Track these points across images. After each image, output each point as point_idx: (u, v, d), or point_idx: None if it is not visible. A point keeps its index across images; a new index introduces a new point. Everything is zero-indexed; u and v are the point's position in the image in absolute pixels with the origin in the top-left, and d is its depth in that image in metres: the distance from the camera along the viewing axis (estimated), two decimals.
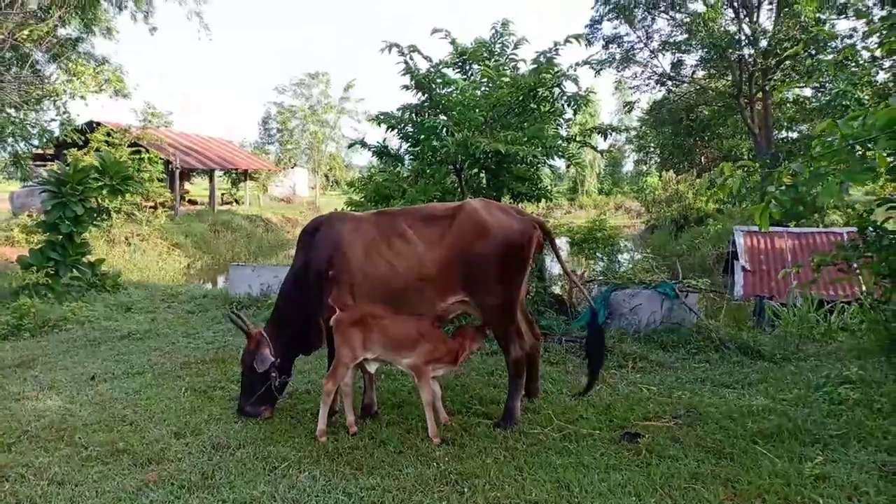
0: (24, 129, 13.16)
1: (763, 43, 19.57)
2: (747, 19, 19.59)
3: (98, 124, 23.89)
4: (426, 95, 8.31)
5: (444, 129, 7.83)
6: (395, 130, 8.78)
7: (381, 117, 8.77)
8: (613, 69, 22.08)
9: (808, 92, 22.05)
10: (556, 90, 7.98)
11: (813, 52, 17.50)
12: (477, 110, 8.08)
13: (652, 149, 39.40)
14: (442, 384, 5.80)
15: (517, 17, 9.36)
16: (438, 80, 8.27)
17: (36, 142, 13.90)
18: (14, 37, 11.82)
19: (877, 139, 3.92)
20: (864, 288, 8.24)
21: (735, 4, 19.70)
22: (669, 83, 23.10)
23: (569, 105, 8.25)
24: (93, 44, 18.88)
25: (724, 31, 19.36)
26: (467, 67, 9.05)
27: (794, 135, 23.29)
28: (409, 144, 8.97)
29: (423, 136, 8.38)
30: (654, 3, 19.99)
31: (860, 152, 4.13)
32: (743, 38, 19.82)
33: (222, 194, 38.83)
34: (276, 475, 4.24)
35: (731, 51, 19.37)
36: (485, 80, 8.51)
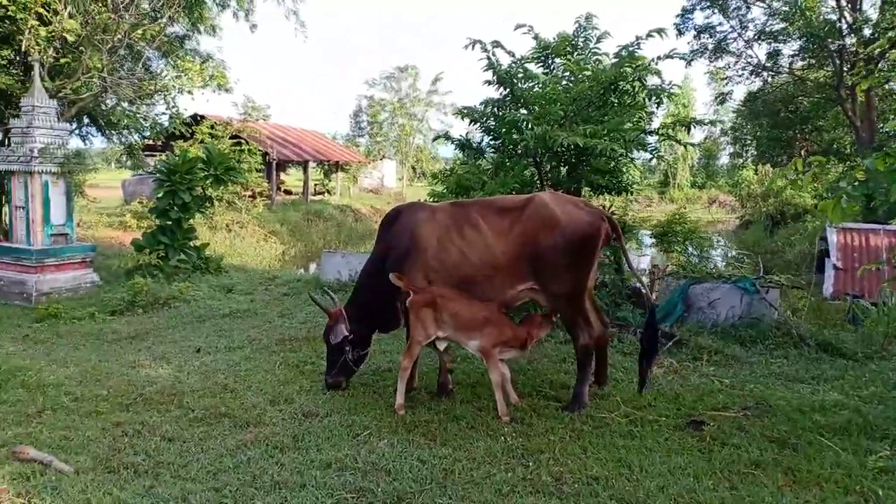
0: (137, 122, 14.28)
1: (866, 32, 18.59)
2: (849, 6, 18.66)
3: (202, 117, 25.37)
4: (508, 90, 8.54)
5: (525, 123, 8.05)
6: (478, 124, 9.07)
7: (465, 111, 9.09)
8: (705, 60, 21.53)
9: None
10: (637, 84, 8.04)
11: None
12: (557, 104, 8.25)
13: (748, 141, 37.98)
14: (514, 368, 6.12)
15: (606, 9, 9.43)
16: (520, 75, 8.49)
17: (148, 133, 15.02)
18: (129, 36, 12.82)
19: None
20: None
21: None
22: (765, 74, 22.26)
23: (650, 98, 8.30)
24: (198, 41, 20.02)
25: (824, 20, 18.52)
26: (550, 62, 9.21)
27: None
28: (490, 138, 9.25)
29: (504, 130, 8.64)
30: None
31: None
32: (844, 27, 18.90)
33: (315, 185, 40.26)
34: (358, 441, 4.66)
35: (830, 41, 18.51)
36: (567, 73, 8.66)
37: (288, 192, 36.94)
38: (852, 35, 19.45)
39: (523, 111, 8.55)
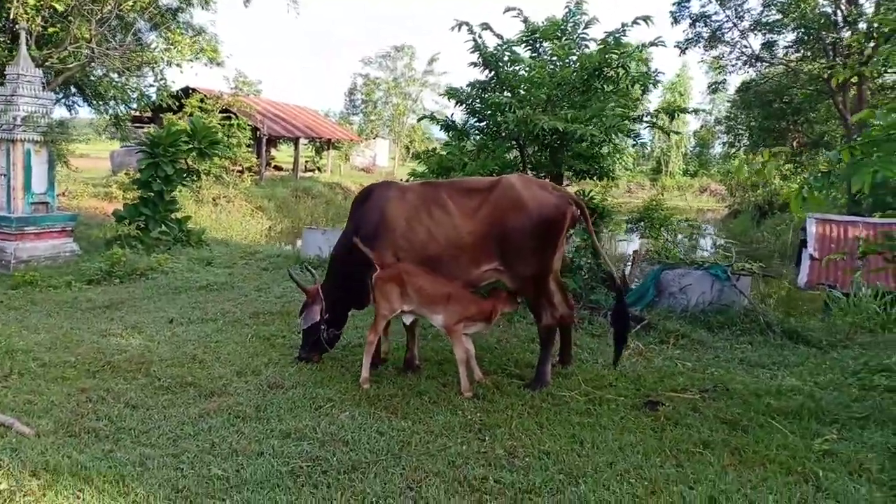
0: (124, 94, 14.20)
1: (861, 26, 18.59)
2: (845, 1, 18.65)
3: (194, 90, 25.20)
4: (493, 73, 8.54)
5: (508, 106, 8.07)
6: (464, 105, 9.09)
7: (451, 92, 9.11)
8: (700, 49, 21.48)
9: None
10: (621, 70, 8.05)
11: None
12: (542, 88, 8.27)
13: (741, 131, 38.05)
14: (482, 346, 6.21)
15: None
16: (506, 58, 8.48)
17: (135, 105, 14.93)
18: (119, 7, 12.72)
19: None
20: None
21: None
22: (759, 64, 22.24)
23: (633, 85, 8.31)
24: (191, 14, 19.87)
25: (819, 13, 18.50)
26: (538, 45, 9.20)
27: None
28: (475, 119, 9.26)
29: (489, 112, 8.65)
30: None
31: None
32: (840, 20, 18.90)
33: (306, 162, 40.14)
34: (320, 413, 4.73)
35: (825, 33, 18.51)
36: (553, 58, 8.66)
37: (278, 168, 36.84)
38: (847, 28, 19.45)
39: (507, 94, 8.56)
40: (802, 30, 19.09)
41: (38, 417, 4.51)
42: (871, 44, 18.79)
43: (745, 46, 21.08)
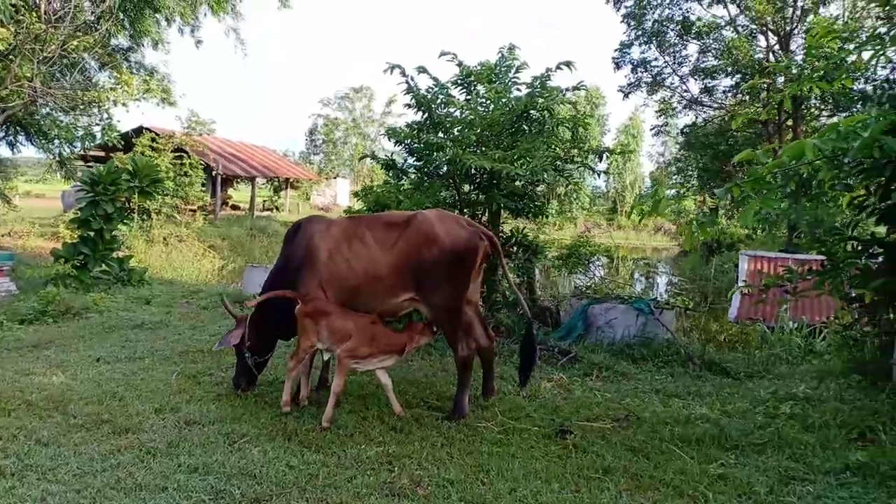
0: (69, 133, 14.15)
1: (794, 71, 19.55)
2: (778, 47, 19.63)
3: (148, 129, 25.15)
4: (426, 114, 8.81)
5: (439, 146, 8.31)
6: (402, 145, 9.32)
7: (390, 132, 9.35)
8: (642, 93, 22.33)
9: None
10: (546, 113, 8.38)
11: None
12: (474, 129, 8.55)
13: (690, 172, 39.24)
14: (405, 378, 6.32)
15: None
16: (438, 101, 8.76)
17: (78, 145, 14.88)
18: (64, 47, 12.76)
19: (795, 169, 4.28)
20: (832, 314, 8.41)
21: (767, 32, 19.73)
22: (698, 108, 23.17)
23: (558, 127, 8.64)
24: (143, 54, 19.97)
25: (750, 58, 19.44)
26: (472, 88, 9.52)
27: None
28: (413, 158, 9.49)
29: (425, 152, 8.89)
30: (687, 28, 20.17)
31: (778, 181, 4.49)
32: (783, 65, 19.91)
33: (264, 201, 40.09)
34: (233, 448, 4.75)
35: (759, 79, 19.45)
36: (484, 100, 8.97)
37: (235, 208, 36.68)
38: (779, 74, 20.42)
39: (441, 135, 8.82)
40: (738, 75, 19.98)
41: None
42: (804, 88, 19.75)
43: (686, 91, 21.94)
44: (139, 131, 25.00)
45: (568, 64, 8.41)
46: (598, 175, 9.83)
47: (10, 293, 11.21)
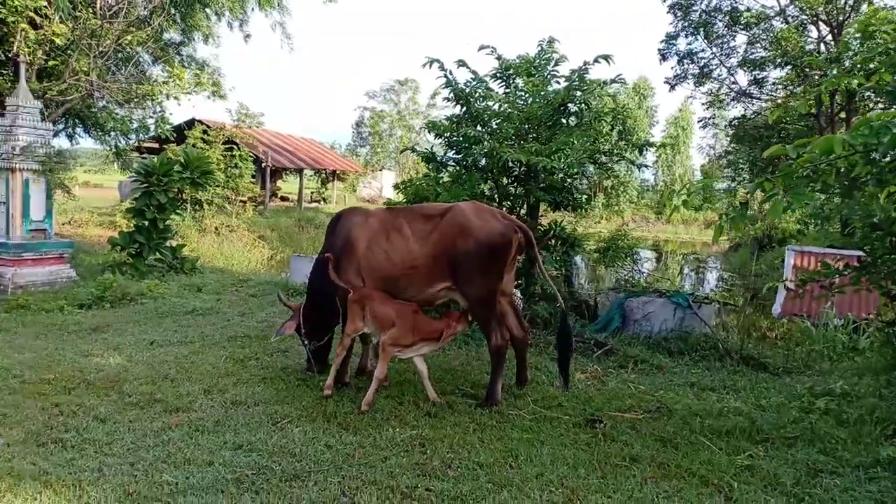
0: (124, 125, 14.73)
1: (847, 63, 19.00)
2: (830, 37, 19.07)
3: (200, 122, 25.88)
4: (465, 107, 8.94)
5: (477, 139, 8.44)
6: (442, 138, 9.48)
7: (430, 125, 9.53)
8: (689, 85, 21.97)
9: None
10: (584, 106, 8.43)
11: None
12: (512, 122, 8.65)
13: (741, 165, 38.40)
14: (442, 367, 6.50)
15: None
16: (477, 94, 8.88)
17: (133, 137, 15.47)
18: (118, 41, 13.29)
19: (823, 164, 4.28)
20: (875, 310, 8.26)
21: (819, 22, 19.19)
22: (747, 100, 22.69)
23: (596, 120, 8.67)
24: (194, 48, 20.58)
25: (801, 49, 18.94)
26: (511, 81, 9.61)
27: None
28: (453, 151, 9.65)
29: (464, 145, 9.04)
30: (735, 19, 19.76)
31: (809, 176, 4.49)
32: (823, 57, 19.38)
33: (311, 193, 40.85)
34: (276, 428, 5.00)
35: (809, 70, 18.95)
36: (522, 93, 9.05)
37: (284, 199, 37.47)
38: (832, 66, 19.87)
39: (479, 128, 8.95)
40: (789, 67, 19.51)
41: (10, 429, 4.81)
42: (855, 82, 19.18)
43: (734, 83, 21.52)
44: (191, 123, 25.74)
45: (606, 57, 8.43)
46: (640, 168, 9.82)
47: (70, 279, 11.76)
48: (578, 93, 8.41)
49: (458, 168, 9.58)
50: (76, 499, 3.84)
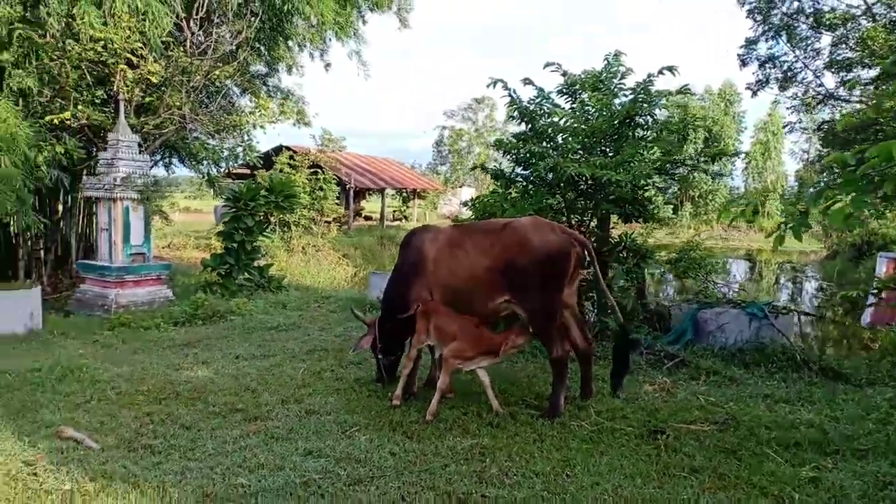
0: (215, 154, 15.64)
1: None
2: None
3: (287, 148, 27.10)
4: (529, 125, 9.08)
5: (541, 155, 8.54)
6: (510, 155, 9.66)
7: (498, 142, 9.74)
8: (773, 90, 21.21)
9: None
10: (649, 117, 8.40)
11: None
12: (578, 137, 8.72)
13: (835, 170, 36.41)
14: (506, 378, 6.64)
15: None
16: (540, 111, 9.01)
17: (223, 165, 16.38)
18: (207, 76, 14.18)
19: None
20: None
21: None
22: (835, 103, 21.65)
23: (663, 132, 8.62)
24: (279, 78, 21.58)
25: (891, 48, 17.96)
26: (577, 96, 9.68)
27: None
28: (521, 168, 9.80)
29: (532, 161, 9.18)
30: (819, 21, 18.99)
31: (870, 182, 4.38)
32: None
33: (393, 211, 41.80)
34: (344, 435, 5.28)
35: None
36: (588, 108, 9.10)
37: (367, 218, 38.53)
38: None
39: (544, 144, 9.05)
40: (880, 67, 18.51)
41: (105, 435, 5.29)
42: None
43: (820, 85, 20.64)
44: (279, 150, 26.96)
45: (670, 69, 8.39)
46: (714, 179, 9.66)
47: (167, 299, 12.58)
48: (645, 105, 8.39)
49: (525, 183, 9.71)
50: (160, 499, 4.20)
